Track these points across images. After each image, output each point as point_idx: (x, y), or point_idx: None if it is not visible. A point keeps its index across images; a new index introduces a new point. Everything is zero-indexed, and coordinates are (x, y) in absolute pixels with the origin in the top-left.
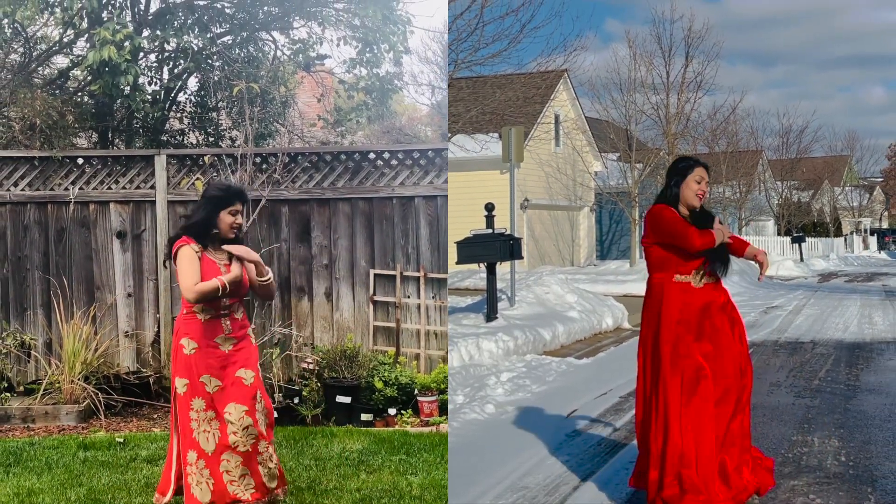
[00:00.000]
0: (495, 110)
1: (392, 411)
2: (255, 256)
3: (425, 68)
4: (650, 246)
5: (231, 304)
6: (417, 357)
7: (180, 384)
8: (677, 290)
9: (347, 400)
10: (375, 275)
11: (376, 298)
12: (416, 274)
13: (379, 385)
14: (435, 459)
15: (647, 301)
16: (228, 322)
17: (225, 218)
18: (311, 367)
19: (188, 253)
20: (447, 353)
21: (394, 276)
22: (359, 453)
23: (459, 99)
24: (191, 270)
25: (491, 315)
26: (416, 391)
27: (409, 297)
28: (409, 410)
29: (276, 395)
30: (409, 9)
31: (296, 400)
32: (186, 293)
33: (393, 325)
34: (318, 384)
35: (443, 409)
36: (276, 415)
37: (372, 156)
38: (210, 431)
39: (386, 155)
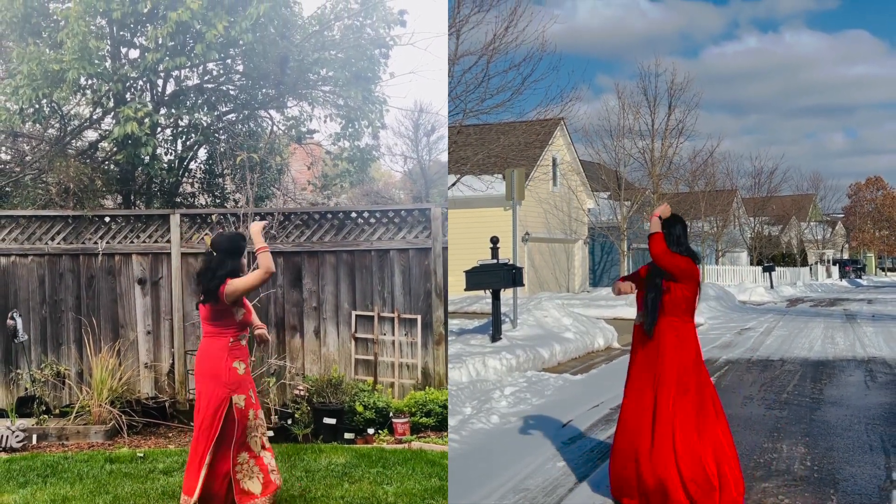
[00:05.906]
0: (499, 154)
1: (371, 431)
2: None
3: (398, 141)
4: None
5: None
6: (392, 385)
7: (240, 399)
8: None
9: (333, 421)
10: (356, 315)
11: (357, 335)
12: (391, 315)
13: (359, 409)
14: (407, 472)
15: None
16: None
17: None
18: (302, 393)
19: None
20: (429, 372)
21: (372, 317)
22: (342, 466)
23: (468, 144)
24: None
25: (496, 336)
26: (391, 414)
27: (385, 334)
28: (385, 430)
29: (272, 417)
30: (385, 90)
31: (289, 421)
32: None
33: (371, 358)
34: (308, 408)
35: (414, 429)
36: (272, 433)
37: (354, 215)
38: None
39: (365, 214)
